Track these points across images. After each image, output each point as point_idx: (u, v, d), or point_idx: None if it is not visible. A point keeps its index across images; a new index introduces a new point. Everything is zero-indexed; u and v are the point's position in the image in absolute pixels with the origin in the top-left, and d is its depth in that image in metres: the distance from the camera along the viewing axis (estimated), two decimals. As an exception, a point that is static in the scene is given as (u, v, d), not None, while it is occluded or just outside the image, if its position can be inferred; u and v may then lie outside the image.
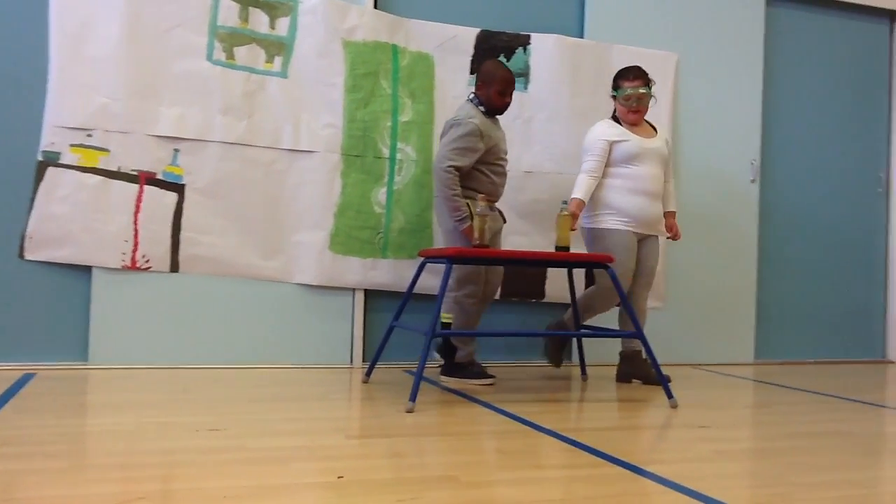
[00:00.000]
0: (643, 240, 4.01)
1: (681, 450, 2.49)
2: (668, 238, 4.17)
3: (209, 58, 4.03)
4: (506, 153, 3.85)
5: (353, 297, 4.30)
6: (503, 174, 3.85)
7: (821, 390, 3.97)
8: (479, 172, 3.74)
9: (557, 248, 3.60)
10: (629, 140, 3.89)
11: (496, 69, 3.74)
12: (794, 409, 3.34)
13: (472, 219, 3.61)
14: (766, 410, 3.29)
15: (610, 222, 3.92)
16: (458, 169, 3.63)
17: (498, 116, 3.86)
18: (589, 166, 3.90)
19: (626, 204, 3.90)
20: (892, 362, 5.47)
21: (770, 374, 4.58)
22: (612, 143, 3.90)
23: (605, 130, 3.93)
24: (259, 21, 4.13)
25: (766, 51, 5.22)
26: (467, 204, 3.66)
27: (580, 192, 3.85)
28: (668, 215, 4.14)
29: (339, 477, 2.02)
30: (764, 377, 4.44)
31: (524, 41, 4.57)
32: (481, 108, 3.76)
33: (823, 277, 5.40)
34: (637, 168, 3.89)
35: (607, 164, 3.93)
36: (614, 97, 3.98)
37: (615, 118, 4.02)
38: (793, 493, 2.00)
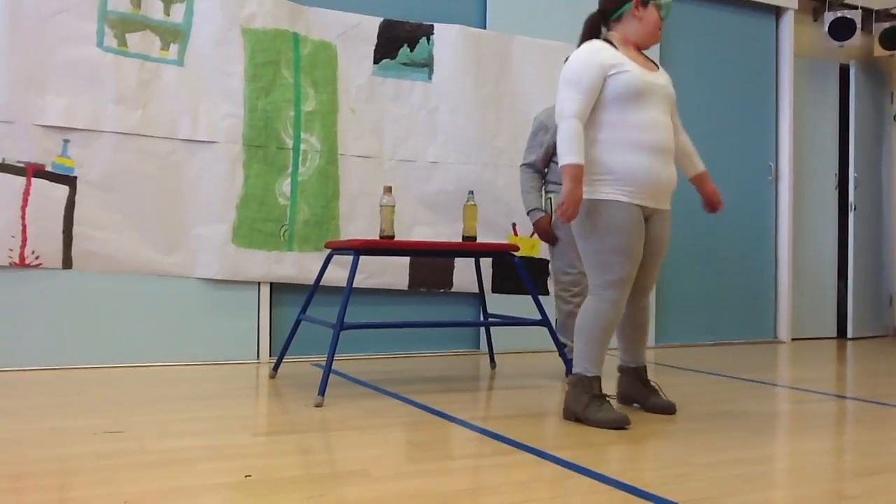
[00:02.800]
0: (651, 217, 2.84)
1: (586, 434, 2.54)
2: (709, 211, 3.05)
3: (99, 45, 3.86)
4: None
5: (259, 291, 4.21)
6: None
7: (718, 371, 4.13)
8: (555, 164, 3.78)
9: (465, 238, 3.61)
10: (629, 70, 2.70)
11: None
12: (693, 391, 3.46)
13: (547, 212, 3.74)
14: (667, 392, 3.40)
15: (606, 191, 2.71)
16: (529, 165, 3.76)
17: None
18: (573, 108, 2.66)
19: (628, 165, 2.70)
20: (783, 342, 5.74)
21: (669, 357, 4.74)
22: (606, 74, 2.70)
23: (597, 54, 2.71)
24: (153, 7, 3.97)
25: (661, 43, 5.37)
26: (549, 199, 3.77)
27: (573, 152, 2.63)
28: (700, 179, 3.00)
29: (246, 476, 1.96)
30: (664, 360, 4.58)
31: (427, 31, 4.56)
32: None
33: (718, 263, 5.61)
34: (641, 112, 2.71)
35: (597, 107, 2.73)
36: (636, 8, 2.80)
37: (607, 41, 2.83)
38: (694, 473, 2.06)
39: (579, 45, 2.84)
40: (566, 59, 2.82)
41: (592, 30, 2.90)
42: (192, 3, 4.04)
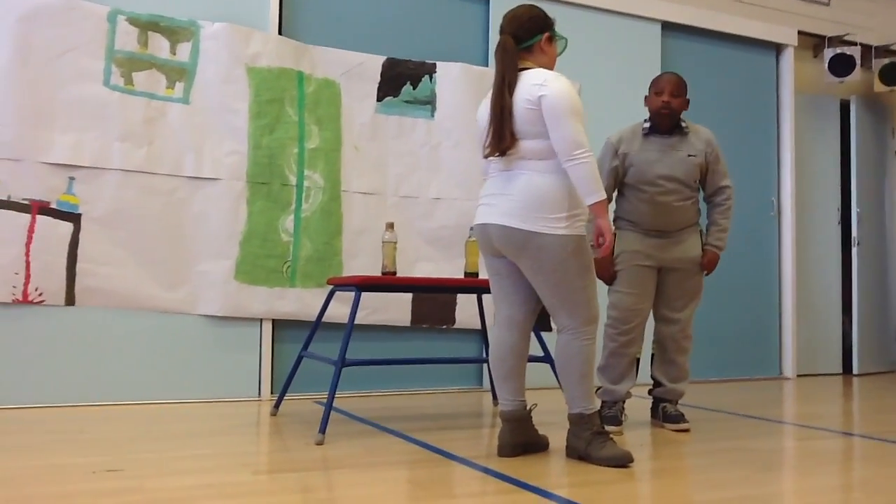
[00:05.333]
0: None
1: (589, 472, 2.51)
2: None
3: (106, 83, 3.90)
4: (662, 177, 3.30)
5: (261, 328, 4.20)
6: (650, 202, 3.31)
7: (722, 408, 4.09)
8: (622, 196, 3.44)
9: (467, 274, 3.62)
10: None
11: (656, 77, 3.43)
12: (696, 428, 3.43)
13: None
14: (669, 429, 3.36)
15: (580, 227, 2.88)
16: None
17: (673, 135, 3.36)
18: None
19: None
20: (788, 378, 5.70)
21: (674, 394, 4.69)
22: None
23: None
24: (159, 46, 4.03)
25: (663, 80, 5.41)
26: (614, 234, 3.33)
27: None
28: None
29: (245, 516, 1.95)
30: (669, 396, 4.54)
31: (430, 69, 4.61)
32: (645, 125, 3.39)
33: (723, 299, 5.59)
34: None
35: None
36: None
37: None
38: (698, 512, 2.04)
39: (508, 70, 2.65)
40: (542, 86, 2.59)
41: (515, 56, 2.68)
42: (198, 43, 4.10)
